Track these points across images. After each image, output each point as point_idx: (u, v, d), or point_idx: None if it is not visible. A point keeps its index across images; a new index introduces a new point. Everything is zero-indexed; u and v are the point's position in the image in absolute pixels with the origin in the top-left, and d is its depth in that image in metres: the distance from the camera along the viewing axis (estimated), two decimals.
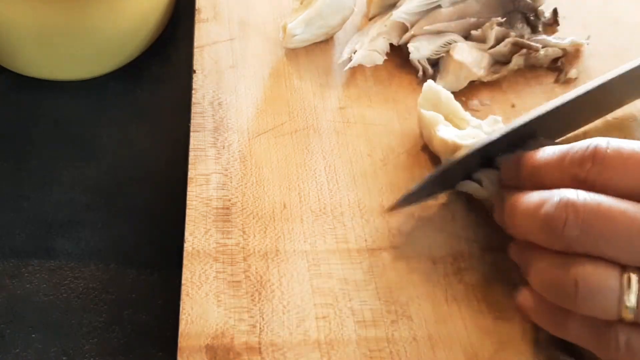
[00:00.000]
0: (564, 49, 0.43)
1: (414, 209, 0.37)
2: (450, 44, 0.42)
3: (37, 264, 0.37)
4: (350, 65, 0.42)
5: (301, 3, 0.43)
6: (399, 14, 0.43)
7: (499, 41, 0.42)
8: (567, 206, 0.29)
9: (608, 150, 0.29)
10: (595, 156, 0.29)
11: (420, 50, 0.43)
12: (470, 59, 0.41)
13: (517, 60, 0.42)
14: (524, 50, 0.42)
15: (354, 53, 0.42)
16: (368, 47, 0.42)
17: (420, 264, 0.35)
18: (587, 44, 0.43)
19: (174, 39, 0.48)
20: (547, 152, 0.32)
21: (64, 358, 0.34)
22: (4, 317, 0.35)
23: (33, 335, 0.35)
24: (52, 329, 0.35)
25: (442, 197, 0.37)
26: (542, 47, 0.42)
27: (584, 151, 0.30)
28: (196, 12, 0.45)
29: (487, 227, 0.36)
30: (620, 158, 0.29)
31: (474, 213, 0.37)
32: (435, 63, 0.43)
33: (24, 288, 0.36)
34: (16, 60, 0.44)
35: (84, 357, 0.34)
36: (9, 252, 0.37)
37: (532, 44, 0.42)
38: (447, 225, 0.36)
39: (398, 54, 0.43)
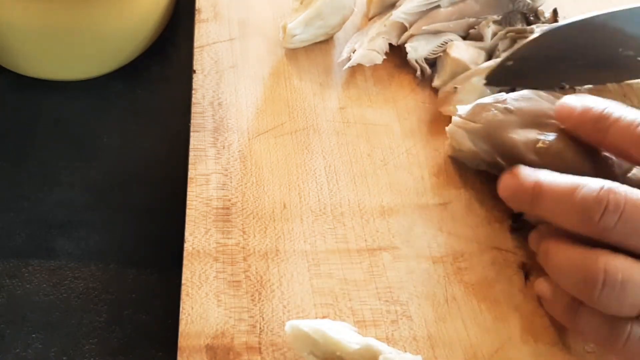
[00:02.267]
0: None
1: (415, 209, 0.37)
2: (447, 43, 0.42)
3: (37, 264, 0.37)
4: (349, 64, 0.42)
5: (301, 3, 0.43)
6: (398, 14, 0.43)
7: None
8: (609, 192, 0.29)
9: (625, 202, 0.28)
10: (609, 203, 0.29)
11: (417, 50, 0.43)
12: (467, 56, 0.41)
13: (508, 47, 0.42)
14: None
15: (353, 52, 0.42)
16: (367, 46, 0.42)
17: (420, 264, 0.35)
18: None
19: (174, 39, 0.48)
20: (554, 179, 0.31)
21: (64, 358, 0.34)
22: (4, 317, 0.35)
23: (33, 335, 0.35)
24: (52, 329, 0.35)
25: (442, 198, 0.37)
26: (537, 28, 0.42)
27: (598, 192, 0.29)
28: (196, 12, 0.45)
29: (487, 227, 0.36)
30: (635, 206, 0.28)
31: (474, 213, 0.37)
32: (433, 63, 0.43)
33: (24, 288, 0.36)
34: (16, 60, 0.44)
35: (84, 357, 0.34)
36: (9, 252, 0.37)
37: (525, 27, 0.42)
38: (447, 225, 0.36)
39: (398, 54, 0.43)
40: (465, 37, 0.43)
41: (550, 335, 0.33)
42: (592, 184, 0.29)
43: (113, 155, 0.42)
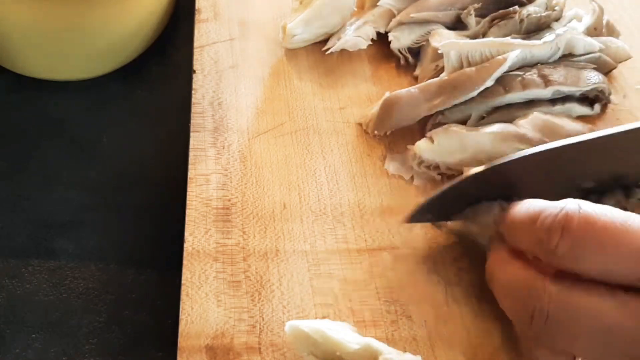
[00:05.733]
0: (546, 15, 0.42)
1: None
2: (429, 32, 0.42)
3: (37, 264, 0.37)
4: (333, 49, 0.42)
5: (301, 3, 0.43)
6: (387, 0, 0.43)
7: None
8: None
9: (579, 221, 0.27)
10: (564, 227, 0.27)
11: (400, 39, 0.43)
12: None
13: (495, 32, 0.41)
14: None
15: (338, 40, 0.42)
16: (354, 33, 0.42)
17: (420, 264, 0.35)
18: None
19: (174, 39, 0.48)
20: (522, 209, 0.29)
21: (64, 358, 0.34)
22: (4, 317, 0.35)
23: (33, 335, 0.35)
24: (52, 329, 0.35)
25: None
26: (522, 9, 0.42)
27: (554, 217, 0.27)
28: (196, 12, 0.45)
29: None
30: (592, 232, 0.26)
31: None
32: (418, 52, 0.43)
33: (24, 288, 0.36)
34: (16, 60, 0.44)
35: (84, 357, 0.34)
36: (9, 252, 0.37)
37: (508, 10, 0.42)
38: (447, 225, 0.36)
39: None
40: (455, 29, 0.43)
41: None
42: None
43: (113, 155, 0.42)
